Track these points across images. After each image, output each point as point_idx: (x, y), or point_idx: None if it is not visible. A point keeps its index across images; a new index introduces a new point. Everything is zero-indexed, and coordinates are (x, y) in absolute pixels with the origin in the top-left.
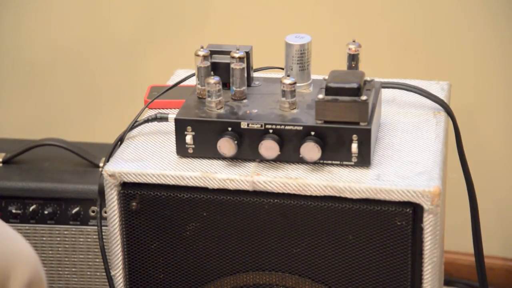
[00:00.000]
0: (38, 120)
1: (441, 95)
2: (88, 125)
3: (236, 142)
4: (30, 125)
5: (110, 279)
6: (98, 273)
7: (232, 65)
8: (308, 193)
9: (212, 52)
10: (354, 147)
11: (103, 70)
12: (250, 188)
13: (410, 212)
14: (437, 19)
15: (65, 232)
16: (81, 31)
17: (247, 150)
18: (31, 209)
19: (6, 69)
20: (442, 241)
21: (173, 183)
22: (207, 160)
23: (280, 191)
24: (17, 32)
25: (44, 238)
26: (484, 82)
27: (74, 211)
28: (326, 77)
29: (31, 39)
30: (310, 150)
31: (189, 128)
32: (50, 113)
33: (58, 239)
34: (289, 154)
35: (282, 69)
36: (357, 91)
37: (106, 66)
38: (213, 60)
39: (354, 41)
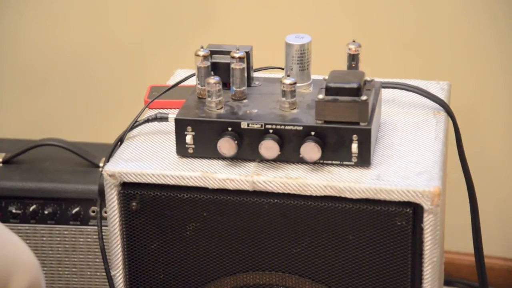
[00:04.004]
0: (38, 120)
1: (441, 95)
2: (88, 125)
3: (236, 142)
4: (30, 125)
5: (110, 279)
6: (98, 273)
7: (232, 65)
8: (308, 193)
9: (212, 52)
10: (354, 147)
11: (103, 70)
12: (250, 188)
13: (410, 212)
14: (437, 19)
15: (65, 232)
16: (81, 31)
17: (247, 150)
18: (31, 209)
19: (6, 69)
20: (442, 241)
21: (173, 183)
22: (207, 160)
23: (280, 191)
24: (17, 32)
25: (44, 238)
26: (484, 82)
27: (74, 211)
28: (326, 77)
29: (31, 39)
30: (310, 150)
31: (189, 128)
32: (50, 113)
33: (58, 239)
34: (289, 154)
35: (282, 69)
36: (357, 91)
37: (106, 66)
38: (213, 60)
39: (354, 41)
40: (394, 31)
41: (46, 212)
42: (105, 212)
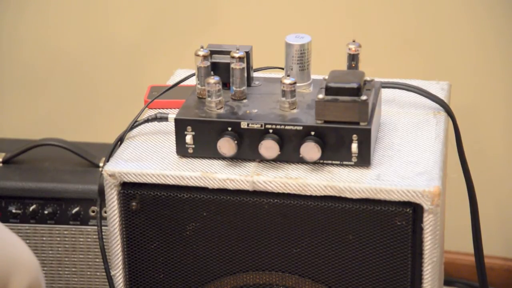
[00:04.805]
0: (38, 120)
1: (441, 95)
2: (88, 125)
3: (236, 142)
4: (30, 125)
5: (110, 279)
6: (98, 273)
7: (232, 65)
8: (308, 193)
9: (212, 52)
10: (354, 147)
11: (103, 70)
12: (250, 188)
13: (410, 212)
14: (437, 19)
15: (65, 232)
16: (81, 31)
17: (247, 150)
18: (31, 209)
19: (6, 69)
20: (442, 241)
21: (173, 183)
22: (207, 160)
23: (280, 191)
24: (17, 32)
25: (44, 238)
26: (484, 82)
27: (74, 211)
28: (326, 77)
29: (31, 39)
30: (310, 150)
31: (189, 128)
32: (50, 113)
33: (58, 239)
34: (289, 154)
35: (282, 69)
36: (357, 91)
37: (106, 66)
38: (213, 60)
39: (354, 41)
40: (394, 31)
41: (46, 212)
42: (105, 212)
